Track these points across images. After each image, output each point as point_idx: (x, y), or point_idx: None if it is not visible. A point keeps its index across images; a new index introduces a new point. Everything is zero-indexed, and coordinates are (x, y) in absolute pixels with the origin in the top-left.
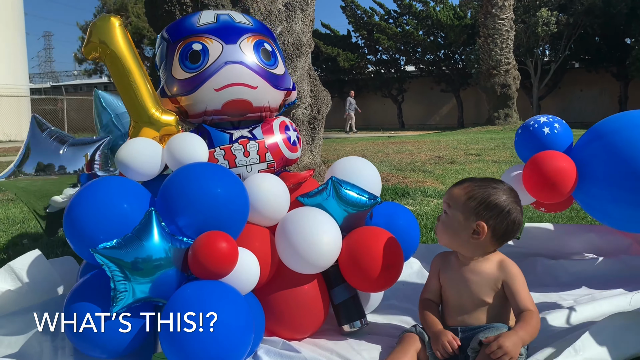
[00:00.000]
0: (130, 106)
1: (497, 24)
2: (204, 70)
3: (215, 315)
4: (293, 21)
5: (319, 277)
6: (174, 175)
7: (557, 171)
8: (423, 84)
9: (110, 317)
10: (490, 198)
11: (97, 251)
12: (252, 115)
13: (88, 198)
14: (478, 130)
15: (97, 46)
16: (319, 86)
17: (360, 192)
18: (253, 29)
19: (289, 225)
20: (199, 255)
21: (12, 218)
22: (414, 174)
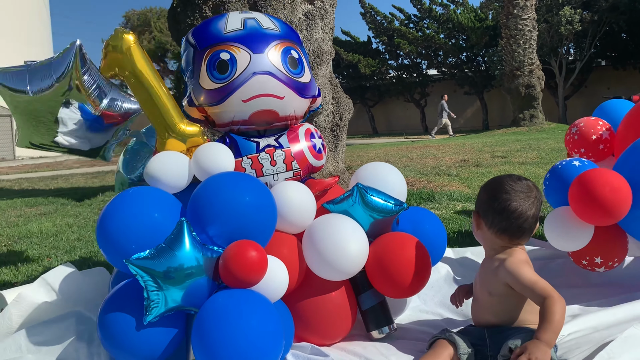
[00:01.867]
0: (154, 121)
1: (519, 25)
2: (232, 80)
3: (246, 323)
4: (313, 30)
5: (346, 284)
6: (202, 185)
7: (612, 185)
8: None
9: (144, 326)
10: (485, 187)
11: (131, 262)
12: (278, 124)
13: (120, 208)
14: (503, 132)
15: (115, 64)
16: (340, 93)
17: (386, 198)
18: (280, 35)
19: (316, 232)
20: (230, 265)
21: (45, 232)
22: (439, 178)
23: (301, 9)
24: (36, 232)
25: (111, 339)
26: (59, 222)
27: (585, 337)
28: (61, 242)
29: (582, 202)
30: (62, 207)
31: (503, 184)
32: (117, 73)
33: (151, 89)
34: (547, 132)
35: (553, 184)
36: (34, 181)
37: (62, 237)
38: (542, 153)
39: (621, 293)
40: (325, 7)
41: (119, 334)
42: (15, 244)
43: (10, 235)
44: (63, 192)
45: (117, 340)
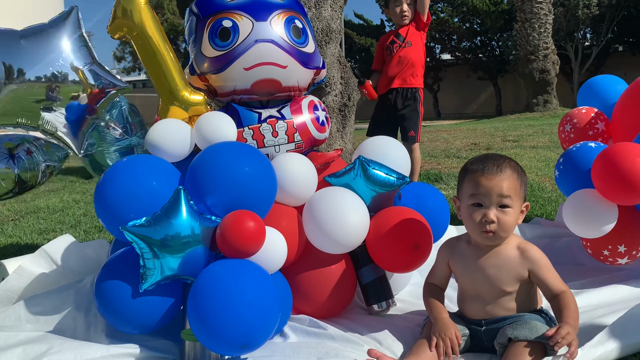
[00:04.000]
0: (159, 86)
1: (534, 8)
2: (233, 48)
3: (242, 293)
4: (322, 7)
5: (346, 257)
6: (202, 154)
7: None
8: (459, 72)
9: (140, 293)
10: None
11: (127, 229)
12: (281, 95)
13: (118, 176)
14: (516, 117)
15: (123, 25)
16: (349, 73)
17: (388, 172)
18: (284, 4)
19: (316, 204)
20: (227, 234)
21: (52, 207)
22: (448, 160)
23: None
24: (43, 207)
25: (107, 305)
26: (66, 198)
27: (588, 314)
28: (67, 217)
29: (609, 178)
30: (70, 184)
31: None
32: (125, 34)
33: (158, 52)
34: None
35: (567, 169)
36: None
37: (69, 212)
38: (555, 137)
39: (626, 269)
40: None
41: (115, 301)
42: (22, 219)
43: (18, 210)
44: (72, 170)
45: (113, 307)
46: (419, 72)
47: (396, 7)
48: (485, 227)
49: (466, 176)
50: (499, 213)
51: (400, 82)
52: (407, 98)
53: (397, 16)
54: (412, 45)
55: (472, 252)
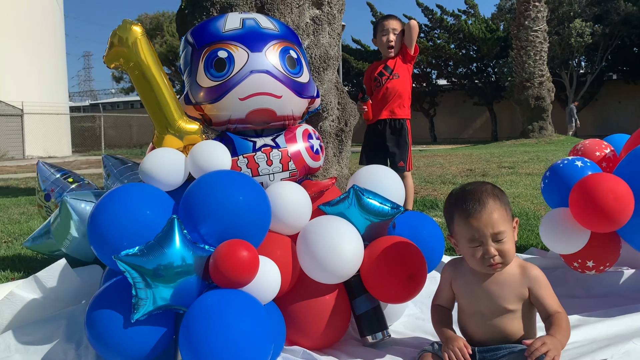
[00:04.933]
0: (154, 116)
1: (530, 36)
2: (229, 78)
3: (234, 324)
4: (320, 35)
5: (340, 287)
6: (196, 182)
7: (615, 188)
8: (455, 97)
9: (132, 324)
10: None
11: (119, 258)
12: (276, 124)
13: (111, 204)
14: (512, 144)
15: (120, 55)
16: (346, 98)
17: (382, 201)
18: (279, 35)
19: (310, 234)
20: (220, 264)
21: None
22: (444, 187)
23: (309, 14)
24: (34, 228)
25: (98, 336)
26: None
27: (585, 348)
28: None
29: (584, 208)
30: None
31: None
32: (121, 64)
33: (154, 82)
34: (556, 144)
35: (552, 183)
36: None
37: None
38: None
39: (621, 304)
40: (332, 12)
41: (106, 331)
42: (15, 241)
43: (12, 232)
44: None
45: (104, 338)
46: (406, 104)
47: (383, 36)
48: (490, 262)
49: (454, 218)
50: (497, 245)
51: (388, 113)
52: (395, 129)
53: (384, 46)
54: (400, 77)
55: (474, 272)
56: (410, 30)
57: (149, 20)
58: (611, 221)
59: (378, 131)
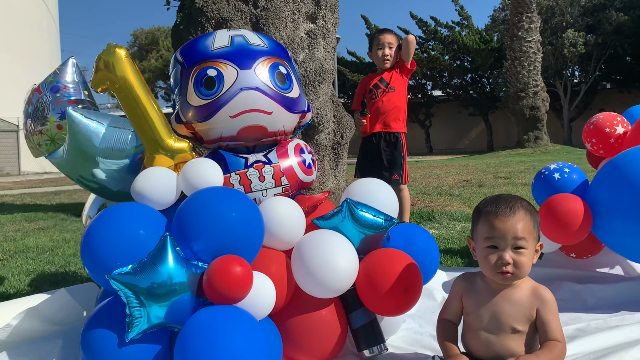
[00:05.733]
0: (143, 136)
1: (523, 47)
2: (219, 97)
3: (229, 341)
4: (315, 48)
5: (337, 302)
6: (188, 200)
7: (565, 212)
8: (451, 108)
9: (127, 343)
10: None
11: (113, 277)
12: (267, 140)
13: (105, 225)
14: (508, 154)
15: (105, 78)
16: (342, 111)
17: (376, 214)
18: (268, 51)
19: (304, 248)
20: (213, 280)
21: (41, 246)
22: (441, 198)
23: (303, 28)
24: (32, 246)
25: (93, 357)
26: (57, 237)
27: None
28: (57, 257)
29: (547, 227)
30: (61, 222)
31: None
32: (107, 87)
33: (140, 103)
34: (551, 154)
35: (538, 186)
36: (37, 196)
37: (58, 251)
38: None
39: (617, 316)
40: (327, 26)
41: (101, 351)
42: (10, 259)
43: (7, 249)
44: (64, 207)
45: (99, 359)
46: (401, 117)
47: (379, 50)
48: (502, 269)
49: (480, 218)
50: (514, 255)
51: (383, 126)
52: (390, 142)
53: (379, 60)
54: (396, 90)
55: (486, 289)
56: (407, 44)
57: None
58: (568, 239)
59: (373, 144)
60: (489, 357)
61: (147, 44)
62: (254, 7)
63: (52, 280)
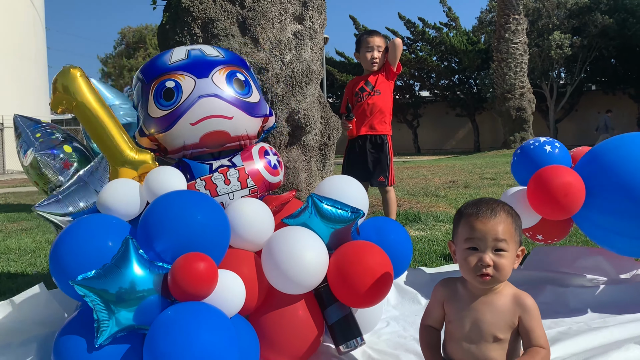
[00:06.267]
0: (105, 151)
1: (510, 48)
2: (178, 106)
3: (194, 334)
4: (302, 49)
5: (312, 301)
6: (151, 204)
7: (567, 185)
8: (438, 109)
9: (97, 349)
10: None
11: (77, 282)
12: (231, 145)
13: (72, 237)
14: (494, 154)
15: (63, 98)
16: (329, 112)
17: (342, 207)
18: (224, 60)
19: (273, 245)
20: (177, 277)
21: (23, 248)
22: (427, 199)
23: (290, 29)
24: (14, 248)
25: None
26: (39, 239)
27: None
28: (39, 259)
29: (538, 199)
30: (44, 222)
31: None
32: (66, 107)
33: (98, 119)
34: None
35: (521, 161)
36: (21, 196)
37: (41, 253)
38: None
39: (599, 318)
40: (314, 27)
41: (72, 357)
42: None
43: None
44: None
45: None
46: (387, 120)
47: (367, 52)
48: (482, 271)
49: (461, 220)
50: (494, 257)
51: (368, 129)
52: (376, 144)
53: (367, 62)
54: (381, 93)
55: (467, 295)
56: (394, 48)
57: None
58: (562, 213)
59: (358, 147)
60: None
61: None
62: (240, 8)
63: (34, 282)
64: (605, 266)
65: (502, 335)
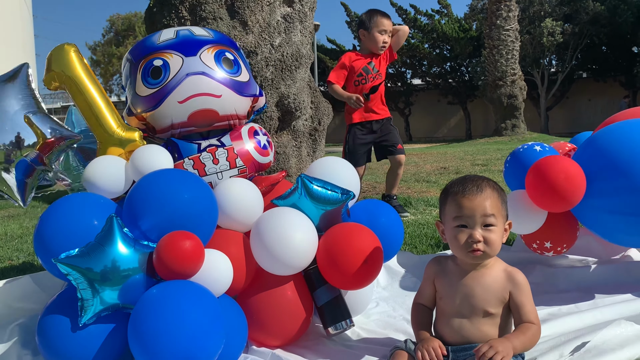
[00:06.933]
0: (93, 127)
1: (502, 35)
2: (166, 84)
3: (179, 311)
4: (292, 33)
5: (301, 283)
6: (137, 182)
7: (566, 168)
8: (430, 96)
9: (81, 328)
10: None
11: (60, 260)
12: (220, 125)
13: (57, 215)
14: (485, 142)
15: (56, 75)
16: (319, 97)
17: (332, 188)
18: (213, 40)
19: (261, 226)
20: (162, 255)
21: (10, 234)
22: (418, 184)
23: (280, 12)
24: (1, 234)
25: (48, 343)
26: (26, 225)
27: (554, 341)
28: (25, 245)
29: (538, 189)
30: (32, 209)
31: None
32: (59, 83)
33: (89, 95)
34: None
35: (513, 167)
36: None
37: (27, 239)
38: None
39: (590, 298)
40: (304, 10)
41: (56, 338)
42: None
43: None
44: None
45: (54, 346)
46: (384, 103)
47: (379, 34)
48: (472, 247)
49: (447, 198)
50: (484, 232)
51: (372, 113)
52: (383, 123)
53: (377, 44)
54: (382, 77)
55: (457, 271)
56: (403, 35)
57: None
58: (563, 200)
59: (365, 130)
60: (461, 343)
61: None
62: None
63: (20, 268)
64: (596, 247)
65: (493, 310)
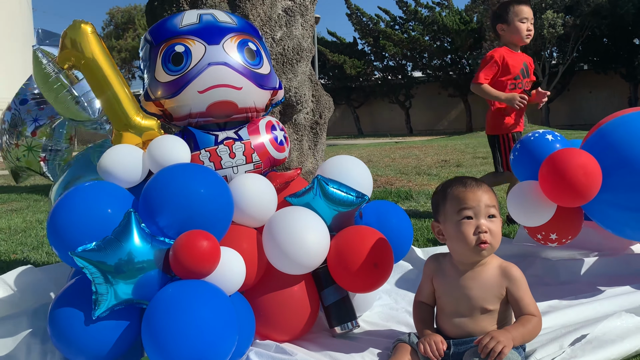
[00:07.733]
0: (110, 113)
1: None
2: (186, 72)
3: (195, 312)
4: (293, 26)
5: (309, 279)
6: (155, 176)
7: (585, 165)
8: (430, 89)
9: (94, 321)
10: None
11: (77, 254)
12: (238, 116)
13: (71, 204)
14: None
15: (71, 54)
16: (320, 91)
17: (347, 190)
18: (237, 28)
19: (275, 224)
20: (179, 255)
21: (14, 227)
22: (419, 178)
23: (281, 5)
24: (5, 228)
25: (60, 334)
26: (30, 218)
27: (554, 333)
28: (29, 239)
29: (554, 183)
30: (34, 203)
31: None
32: (73, 63)
33: (107, 80)
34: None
35: (522, 156)
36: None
37: (31, 233)
38: None
39: (590, 291)
40: (305, 3)
41: (68, 329)
42: None
43: None
44: (38, 188)
45: (66, 337)
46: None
47: (521, 23)
48: (481, 239)
49: (447, 197)
50: (489, 223)
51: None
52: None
53: (521, 35)
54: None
55: (453, 271)
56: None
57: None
58: (580, 197)
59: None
60: (463, 337)
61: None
62: None
63: (23, 261)
64: (596, 239)
65: (491, 307)
